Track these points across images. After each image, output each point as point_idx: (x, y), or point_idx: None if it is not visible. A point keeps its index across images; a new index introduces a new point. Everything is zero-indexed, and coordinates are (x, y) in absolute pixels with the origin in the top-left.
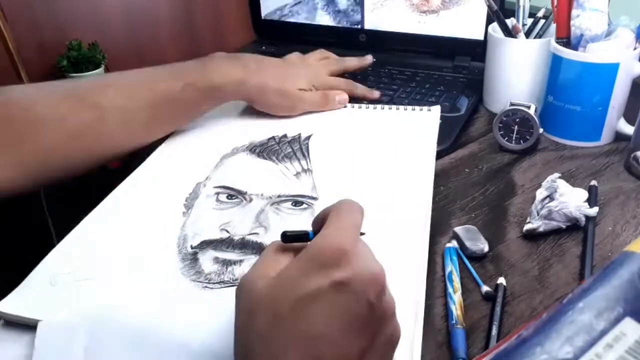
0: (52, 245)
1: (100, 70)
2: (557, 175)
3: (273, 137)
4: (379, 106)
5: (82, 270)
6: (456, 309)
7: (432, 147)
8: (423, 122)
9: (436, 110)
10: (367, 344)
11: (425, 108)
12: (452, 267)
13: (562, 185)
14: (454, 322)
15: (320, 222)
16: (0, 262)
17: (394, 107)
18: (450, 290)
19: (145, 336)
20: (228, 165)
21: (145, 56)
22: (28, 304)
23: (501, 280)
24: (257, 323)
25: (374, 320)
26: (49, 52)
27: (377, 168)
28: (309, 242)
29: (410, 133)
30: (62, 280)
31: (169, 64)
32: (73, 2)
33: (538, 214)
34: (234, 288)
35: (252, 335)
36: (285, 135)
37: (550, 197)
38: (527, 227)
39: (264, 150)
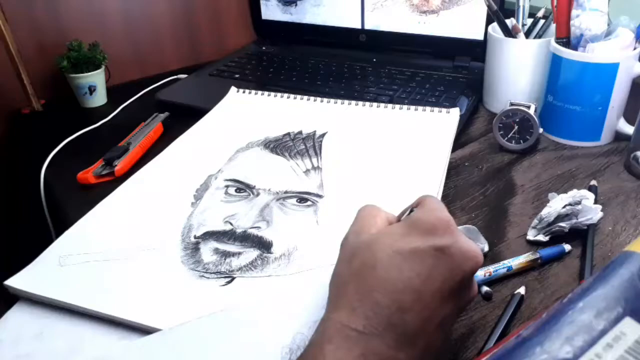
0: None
1: (101, 70)
2: (586, 192)
3: (288, 134)
4: (397, 106)
5: (90, 252)
6: None
7: (447, 151)
8: (441, 124)
9: (455, 112)
10: (449, 313)
11: (444, 110)
12: None
13: (587, 203)
14: None
15: (404, 214)
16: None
17: (412, 107)
18: None
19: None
20: (241, 159)
21: (145, 56)
22: (37, 281)
23: (521, 290)
24: (354, 264)
25: (461, 295)
26: (49, 52)
27: (387, 169)
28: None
29: (427, 135)
30: (70, 262)
31: None
32: (73, 3)
33: (549, 226)
34: (230, 284)
35: (347, 273)
36: (300, 132)
37: (568, 216)
38: (532, 238)
39: (278, 146)
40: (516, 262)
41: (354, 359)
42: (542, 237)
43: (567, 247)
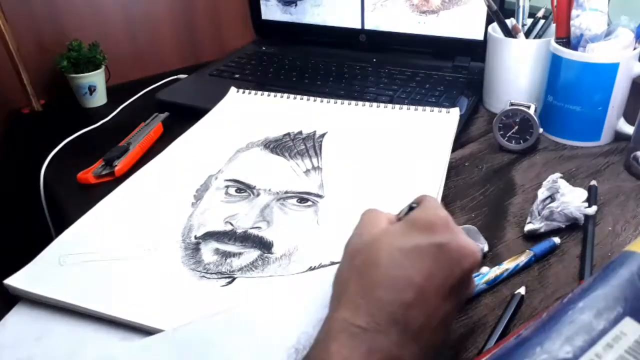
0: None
1: (101, 70)
2: (558, 175)
3: (288, 134)
4: (397, 106)
5: (90, 252)
6: None
7: (447, 151)
8: (441, 124)
9: (455, 112)
10: (450, 309)
11: (444, 110)
12: None
13: (563, 186)
14: None
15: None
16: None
17: (412, 107)
18: None
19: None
20: (241, 159)
21: (145, 56)
22: (36, 280)
23: (521, 290)
24: (356, 263)
25: (460, 292)
26: (49, 52)
27: (387, 169)
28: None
29: (427, 135)
30: (70, 261)
31: None
32: (73, 2)
33: (539, 215)
34: (231, 285)
35: (349, 272)
36: (300, 132)
37: (551, 198)
38: (528, 227)
39: (278, 146)
40: (504, 266)
41: (359, 356)
42: (537, 224)
43: (557, 240)
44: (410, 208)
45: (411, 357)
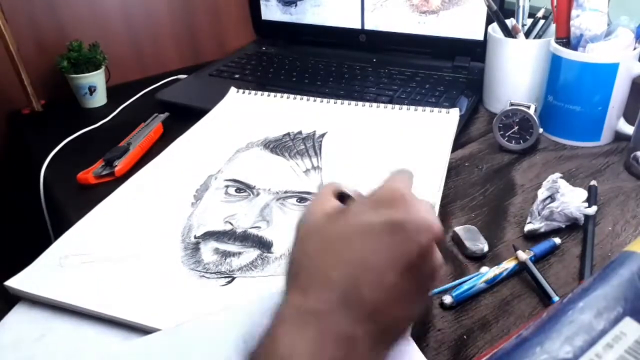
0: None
1: (101, 70)
2: (558, 175)
3: (288, 134)
4: (397, 106)
5: (90, 253)
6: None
7: (447, 151)
8: (440, 125)
9: (455, 112)
10: (409, 287)
11: (444, 110)
12: None
13: (563, 185)
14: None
15: None
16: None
17: (412, 107)
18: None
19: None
20: (241, 159)
21: (145, 56)
22: (37, 282)
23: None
24: (308, 245)
25: (422, 269)
26: (49, 52)
27: (387, 169)
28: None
29: (427, 135)
30: (70, 262)
31: None
32: (73, 3)
33: (539, 215)
34: (230, 284)
35: (302, 255)
36: (300, 132)
37: (551, 198)
38: (528, 227)
39: (278, 146)
40: (503, 265)
41: (308, 340)
42: (537, 224)
43: (557, 240)
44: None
45: (366, 335)
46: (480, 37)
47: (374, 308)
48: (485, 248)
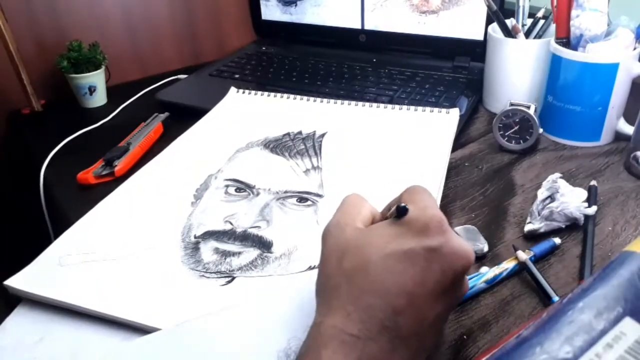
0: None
1: (101, 70)
2: (557, 175)
3: (288, 134)
4: (397, 106)
5: (90, 252)
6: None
7: (447, 151)
8: (440, 125)
9: (455, 112)
10: (441, 311)
11: (444, 110)
12: None
13: (563, 185)
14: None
15: (390, 209)
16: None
17: (412, 107)
18: None
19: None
20: (241, 159)
21: (145, 56)
22: (36, 281)
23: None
24: (345, 265)
25: (453, 294)
26: (49, 52)
27: (387, 169)
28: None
29: (427, 135)
30: (70, 261)
31: None
32: (73, 3)
33: (539, 215)
34: (230, 284)
35: (338, 275)
36: (300, 132)
37: (551, 198)
38: (528, 227)
39: (278, 146)
40: (503, 265)
41: None
42: (537, 224)
43: (557, 240)
44: (399, 208)
45: (400, 359)
46: (480, 37)
47: (410, 334)
48: (485, 248)
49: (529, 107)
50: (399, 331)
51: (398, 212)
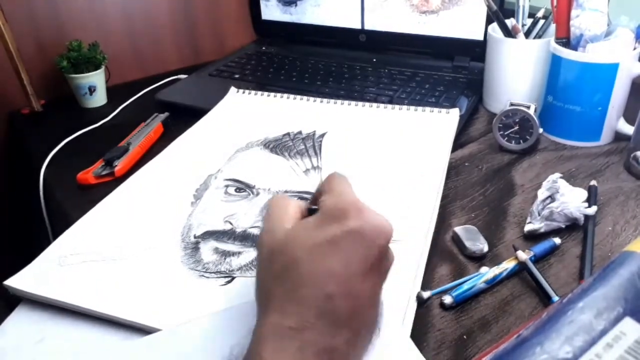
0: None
1: (101, 70)
2: (558, 175)
3: (288, 134)
4: (397, 106)
5: (89, 252)
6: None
7: (447, 151)
8: (440, 125)
9: (455, 112)
10: (373, 285)
11: (444, 110)
12: None
13: (563, 186)
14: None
15: (316, 199)
16: (0, 263)
17: (412, 107)
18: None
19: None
20: (241, 159)
21: (145, 56)
22: (36, 281)
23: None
24: (275, 266)
25: (381, 266)
26: (49, 52)
27: (387, 169)
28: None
29: (427, 135)
30: (70, 261)
31: None
32: (73, 3)
33: (539, 215)
34: (230, 284)
35: (269, 277)
36: (300, 132)
37: (551, 198)
38: (528, 227)
39: (277, 146)
40: (503, 265)
41: (291, 356)
42: (537, 224)
43: (557, 240)
44: (309, 210)
45: (345, 343)
46: (480, 37)
47: (348, 316)
48: (485, 248)
49: (529, 107)
50: (337, 315)
51: (309, 213)
